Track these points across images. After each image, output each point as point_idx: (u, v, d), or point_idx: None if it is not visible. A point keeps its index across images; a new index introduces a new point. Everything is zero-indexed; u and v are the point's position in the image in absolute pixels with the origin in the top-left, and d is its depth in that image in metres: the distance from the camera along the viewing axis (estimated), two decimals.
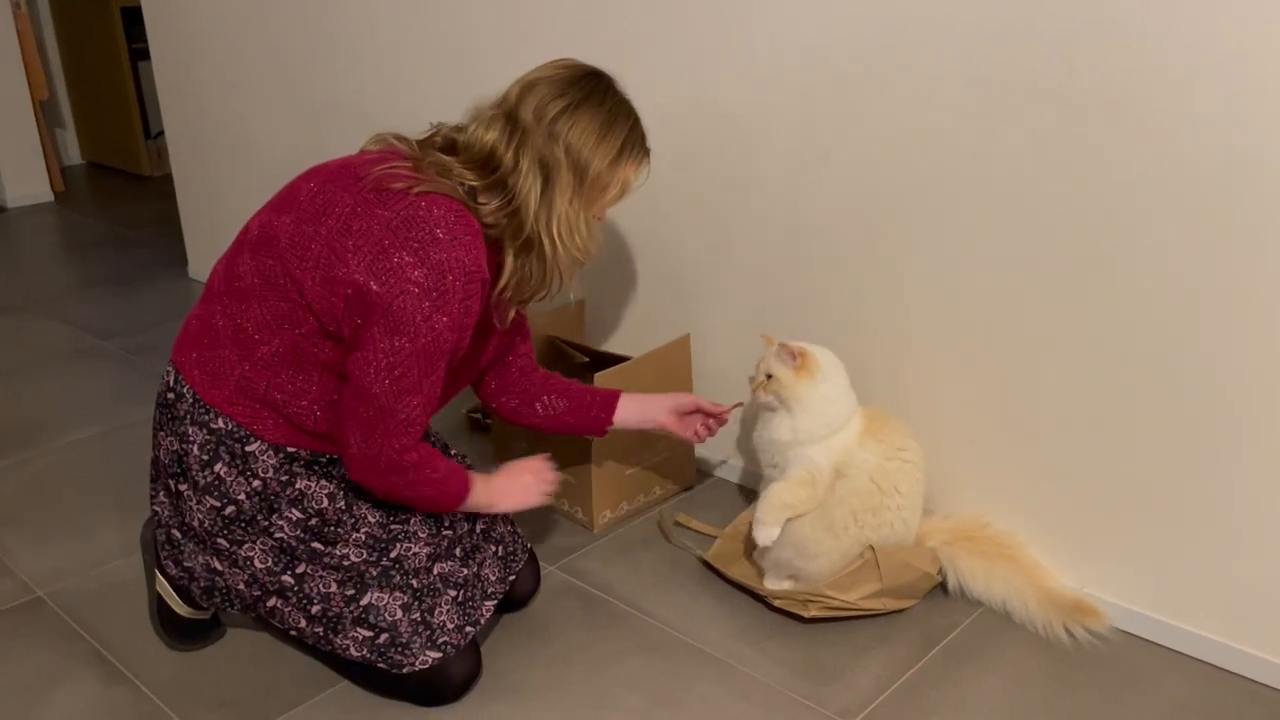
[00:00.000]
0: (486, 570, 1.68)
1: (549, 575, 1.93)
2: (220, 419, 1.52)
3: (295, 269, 1.45)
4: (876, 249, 1.88)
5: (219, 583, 1.60)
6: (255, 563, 1.56)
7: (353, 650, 1.57)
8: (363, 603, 1.56)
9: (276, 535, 1.55)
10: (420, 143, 1.54)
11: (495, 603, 1.67)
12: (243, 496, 1.53)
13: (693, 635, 1.77)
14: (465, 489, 1.57)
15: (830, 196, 1.92)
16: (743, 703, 1.61)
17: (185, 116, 3.41)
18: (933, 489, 1.86)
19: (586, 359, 2.23)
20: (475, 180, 1.47)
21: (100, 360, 2.94)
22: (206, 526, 1.56)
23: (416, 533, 1.60)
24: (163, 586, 1.69)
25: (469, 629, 1.61)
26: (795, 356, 1.75)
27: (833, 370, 1.78)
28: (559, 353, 2.29)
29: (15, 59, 4.45)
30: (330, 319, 1.44)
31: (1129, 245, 1.58)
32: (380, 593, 1.56)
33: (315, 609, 1.56)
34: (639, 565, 1.97)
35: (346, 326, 1.43)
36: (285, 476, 1.54)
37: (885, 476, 1.75)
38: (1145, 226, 1.56)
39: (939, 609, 1.82)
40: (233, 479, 1.53)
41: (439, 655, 1.57)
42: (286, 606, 1.58)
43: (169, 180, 3.67)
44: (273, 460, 1.53)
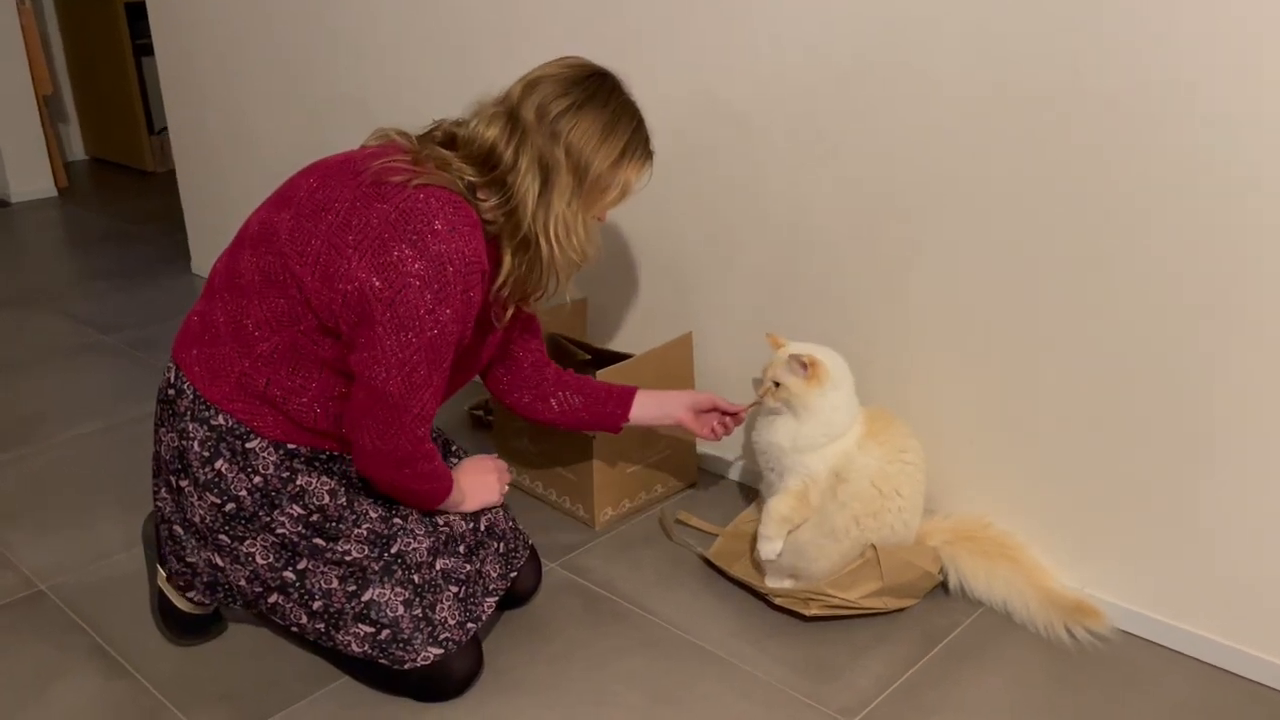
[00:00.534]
0: (488, 567, 1.68)
1: (550, 572, 1.93)
2: (220, 416, 1.52)
3: (295, 265, 1.45)
4: (878, 248, 1.88)
5: (221, 579, 1.60)
6: (257, 559, 1.56)
7: (354, 646, 1.57)
8: (364, 599, 1.56)
9: (278, 531, 1.55)
10: (420, 137, 1.54)
11: (496, 599, 1.67)
12: (244, 493, 1.53)
13: (693, 633, 1.77)
14: (451, 487, 1.60)
15: (832, 196, 1.91)
16: (743, 701, 1.61)
17: (189, 112, 3.42)
18: (934, 489, 1.86)
19: (588, 356, 2.23)
20: (474, 176, 1.47)
21: (102, 355, 2.95)
22: (208, 523, 1.56)
23: (415, 529, 1.60)
24: (164, 582, 1.69)
25: (470, 625, 1.61)
26: (805, 367, 1.73)
27: (841, 377, 1.77)
28: (561, 350, 2.29)
29: (19, 54, 4.46)
30: (329, 315, 1.44)
31: (1129, 246, 1.58)
32: (382, 589, 1.56)
33: (317, 605, 1.57)
34: (640, 563, 1.97)
35: (344, 323, 1.43)
36: (286, 473, 1.54)
37: (886, 480, 1.75)
38: (1146, 228, 1.56)
39: (940, 608, 1.82)
40: (233, 475, 1.53)
41: (440, 652, 1.57)
42: (288, 603, 1.58)
43: (172, 176, 3.68)
44: (273, 457, 1.53)
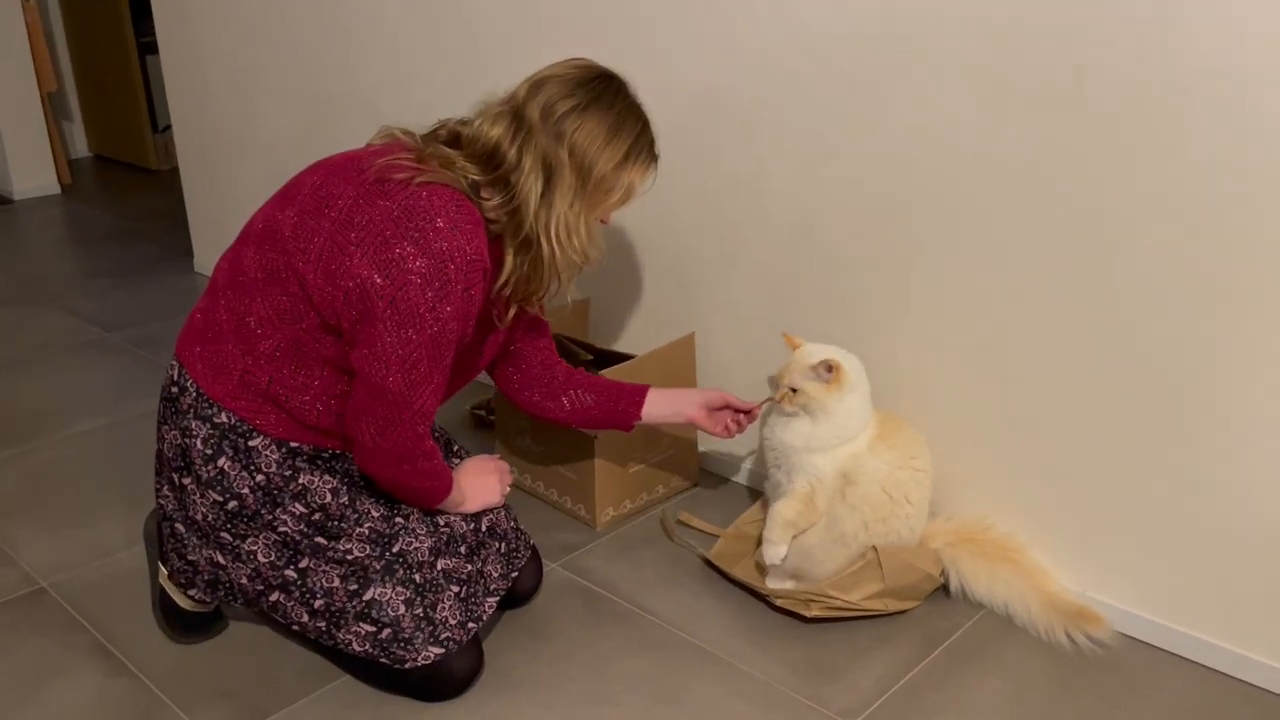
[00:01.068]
0: (489, 567, 1.68)
1: (551, 572, 1.93)
2: (223, 413, 1.52)
3: (298, 262, 1.45)
4: (881, 249, 1.88)
5: (222, 576, 1.61)
6: (258, 557, 1.56)
7: (355, 645, 1.57)
8: (365, 598, 1.56)
9: (280, 530, 1.55)
10: (425, 136, 1.54)
11: (497, 599, 1.67)
12: (246, 491, 1.53)
13: (694, 634, 1.77)
14: (450, 486, 1.60)
15: (835, 196, 1.91)
16: (743, 702, 1.61)
17: (193, 110, 3.42)
18: (935, 490, 1.86)
19: (591, 357, 2.23)
20: (478, 175, 1.47)
21: (105, 353, 2.95)
22: (210, 521, 1.56)
23: (417, 529, 1.60)
24: (165, 579, 1.70)
25: (471, 625, 1.61)
26: (831, 371, 1.72)
27: (858, 380, 1.76)
28: (564, 350, 2.29)
29: (24, 51, 4.46)
30: (331, 312, 1.44)
31: (1133, 247, 1.58)
32: (383, 588, 1.56)
33: (318, 604, 1.57)
34: (641, 563, 1.97)
35: (346, 320, 1.43)
36: (288, 471, 1.54)
37: (897, 486, 1.75)
38: (1149, 229, 1.56)
39: (941, 611, 1.82)
40: (236, 474, 1.53)
41: (441, 651, 1.57)
42: (289, 601, 1.58)
43: (175, 174, 3.68)
44: (275, 455, 1.53)
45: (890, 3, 1.73)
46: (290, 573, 1.57)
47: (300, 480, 1.55)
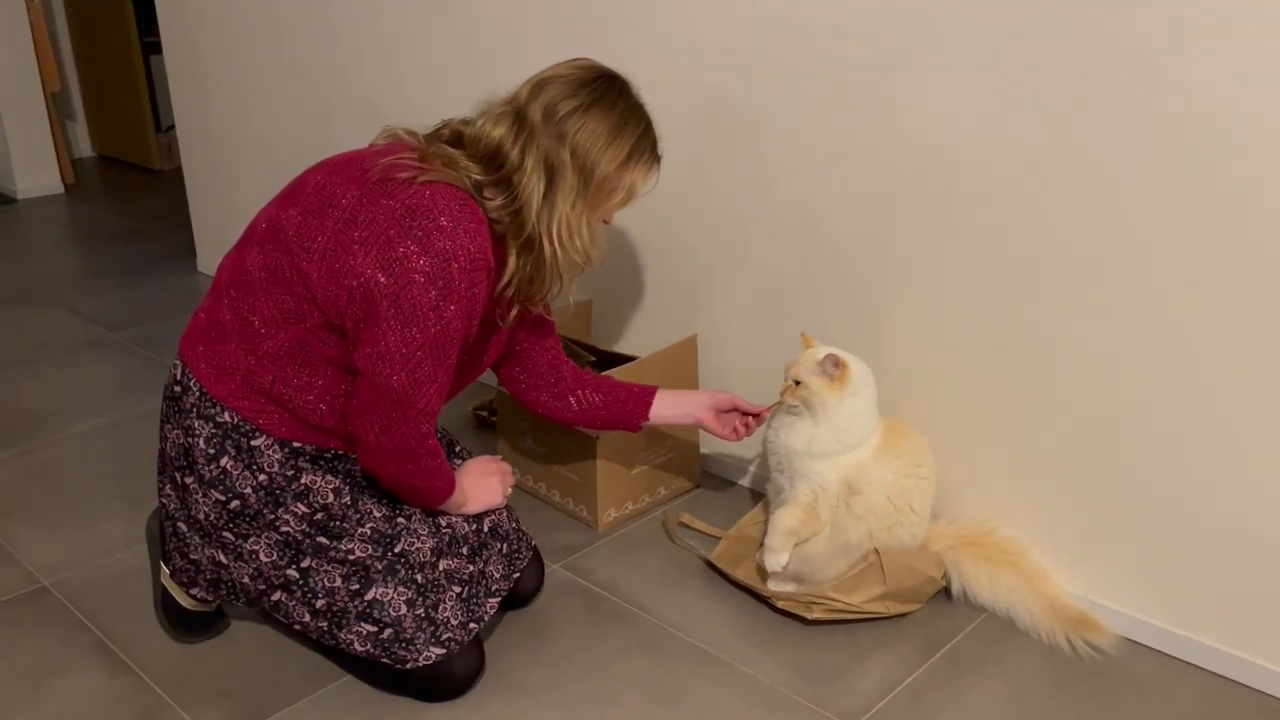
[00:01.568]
0: (491, 567, 1.68)
1: (552, 573, 1.93)
2: (226, 413, 1.52)
3: (301, 262, 1.45)
4: (885, 252, 1.88)
5: (224, 576, 1.61)
6: (260, 556, 1.57)
7: (356, 645, 1.57)
8: (367, 598, 1.56)
9: (282, 529, 1.55)
10: (428, 136, 1.54)
11: (499, 600, 1.67)
12: (248, 490, 1.53)
13: (695, 635, 1.77)
14: (453, 487, 1.60)
15: (839, 198, 1.91)
16: (744, 703, 1.61)
17: (196, 110, 3.42)
18: (938, 493, 1.85)
19: (593, 358, 2.23)
20: (481, 175, 1.47)
21: (108, 352, 2.95)
22: (212, 520, 1.56)
23: (419, 529, 1.61)
24: (167, 578, 1.70)
25: (473, 626, 1.61)
26: (838, 366, 1.71)
27: (863, 385, 1.75)
28: (567, 351, 2.28)
29: (28, 51, 4.47)
30: (334, 312, 1.44)
31: (1138, 251, 1.58)
32: (385, 588, 1.56)
33: (320, 603, 1.57)
34: (642, 565, 1.97)
35: (349, 319, 1.44)
36: (290, 471, 1.54)
37: (901, 495, 1.74)
38: (1154, 233, 1.56)
39: (942, 614, 1.81)
40: (238, 473, 1.53)
41: (442, 652, 1.57)
42: (291, 601, 1.58)
43: (179, 174, 3.69)
44: (278, 455, 1.53)
45: (895, 9, 1.73)
46: (292, 572, 1.57)
47: (303, 480, 1.55)
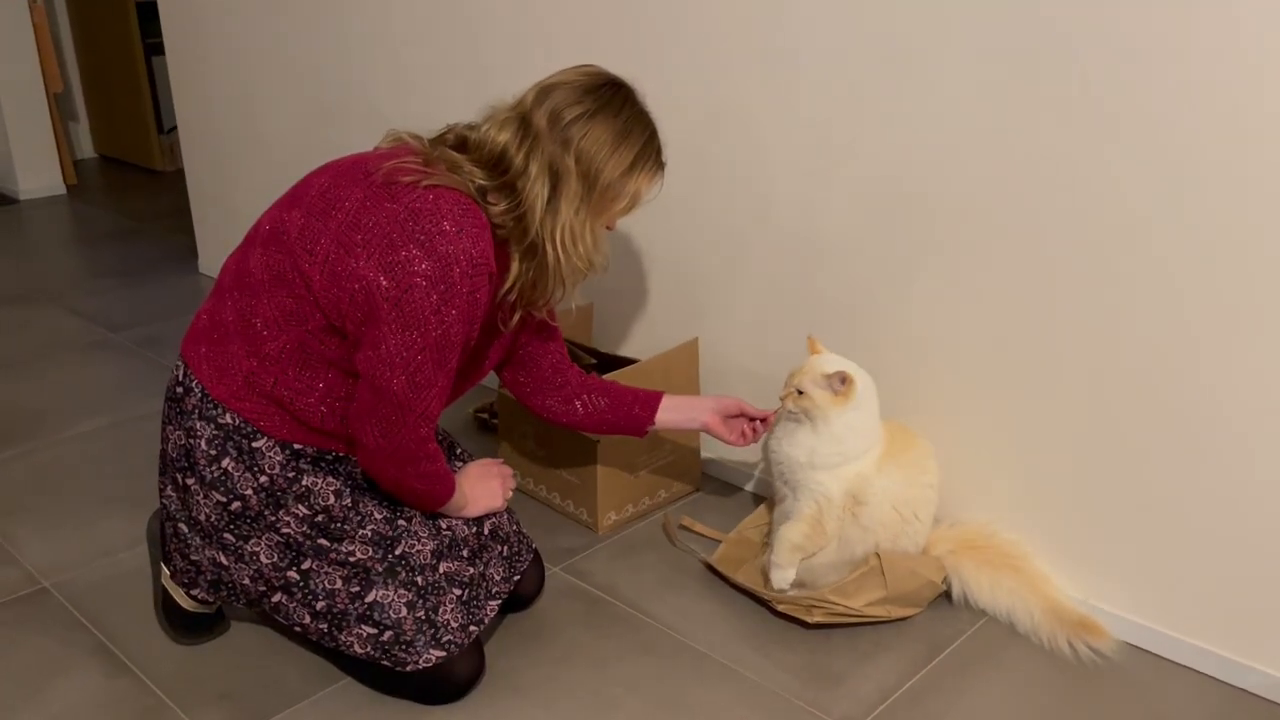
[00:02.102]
0: (491, 570, 1.68)
1: (553, 576, 1.93)
2: (228, 414, 1.52)
3: (304, 264, 1.45)
4: (887, 257, 1.88)
5: (225, 577, 1.61)
6: (261, 558, 1.57)
7: (356, 647, 1.57)
8: (367, 600, 1.56)
9: (283, 531, 1.55)
10: (433, 140, 1.55)
11: (499, 602, 1.67)
12: (249, 492, 1.53)
13: (695, 638, 1.77)
14: (453, 490, 1.60)
15: (840, 204, 1.91)
16: (744, 707, 1.61)
17: (198, 112, 3.43)
18: (941, 497, 1.85)
19: (594, 361, 2.24)
20: (485, 180, 1.47)
21: (109, 352, 2.96)
22: (213, 521, 1.56)
23: (419, 531, 1.61)
24: (168, 580, 1.70)
25: (473, 628, 1.61)
26: (844, 383, 1.71)
27: (866, 399, 1.75)
28: (569, 354, 2.29)
29: (30, 52, 4.47)
30: (336, 314, 1.45)
31: (1139, 256, 1.58)
32: (385, 590, 1.56)
33: (320, 605, 1.57)
34: (643, 568, 1.97)
35: (351, 322, 1.44)
36: (292, 473, 1.54)
37: (907, 504, 1.75)
38: (1155, 240, 1.56)
39: (943, 618, 1.81)
40: (240, 474, 1.53)
41: (443, 654, 1.57)
42: (291, 602, 1.58)
43: (181, 175, 3.69)
44: (279, 456, 1.54)
45: (895, 11, 1.74)
46: (293, 574, 1.57)
47: (304, 482, 1.55)
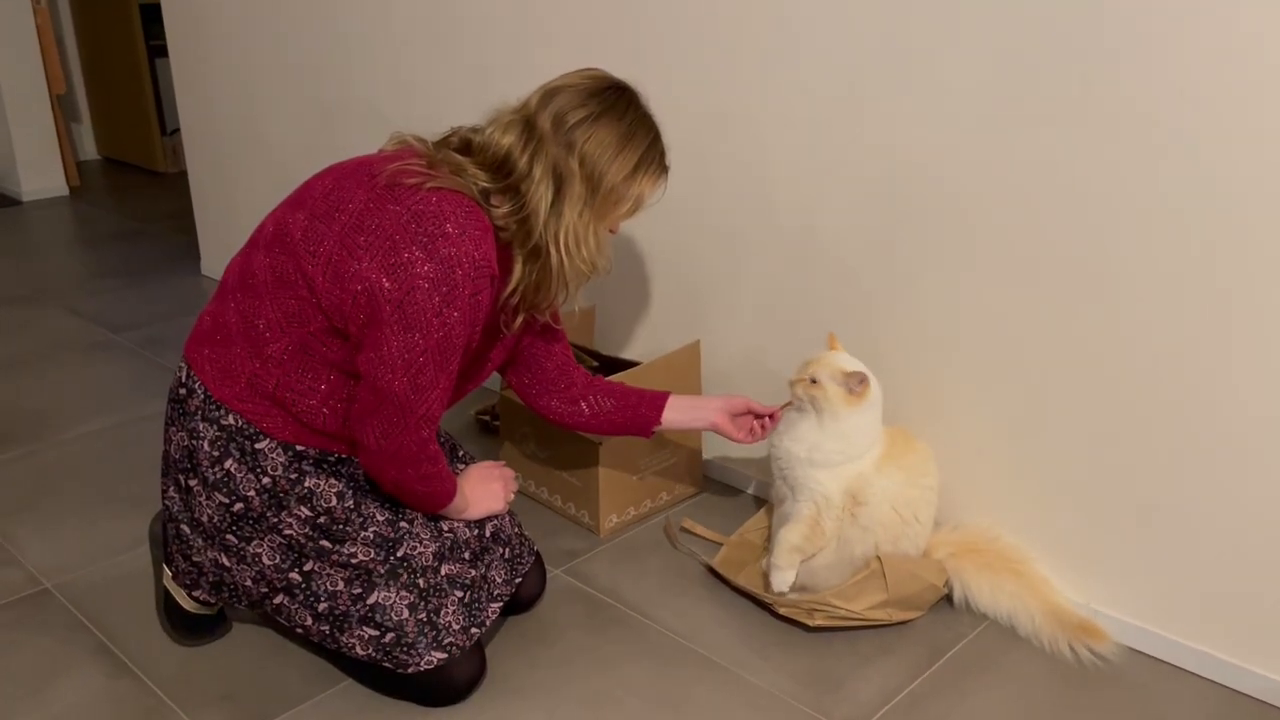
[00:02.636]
0: (493, 572, 1.68)
1: (554, 579, 1.93)
2: (230, 416, 1.52)
3: (307, 265, 1.45)
4: (889, 261, 1.88)
5: (227, 578, 1.61)
6: (263, 559, 1.57)
7: (358, 649, 1.57)
8: (369, 601, 1.56)
9: (285, 533, 1.55)
10: (437, 143, 1.55)
11: (501, 605, 1.67)
12: (252, 493, 1.54)
13: (696, 641, 1.77)
14: (454, 492, 1.60)
15: (842, 206, 1.92)
16: (745, 710, 1.61)
17: (201, 113, 3.43)
18: (942, 500, 1.86)
19: (596, 364, 2.24)
20: (489, 182, 1.47)
21: (111, 353, 2.96)
22: (215, 522, 1.56)
23: (421, 533, 1.61)
24: (170, 581, 1.70)
25: (474, 630, 1.61)
26: (862, 384, 1.71)
27: (874, 402, 1.75)
28: None
29: (34, 53, 4.48)
30: (339, 316, 1.45)
31: (1139, 259, 1.58)
32: (387, 592, 1.56)
33: (322, 607, 1.57)
34: (644, 570, 1.97)
35: (353, 323, 1.44)
36: (294, 474, 1.54)
37: (907, 505, 1.75)
38: (1157, 244, 1.56)
39: (944, 621, 1.81)
40: (242, 476, 1.53)
41: (444, 656, 1.57)
42: (293, 604, 1.58)
43: (183, 177, 3.70)
44: (282, 458, 1.54)
45: (895, 14, 1.74)
46: (295, 575, 1.57)
47: (306, 483, 1.55)
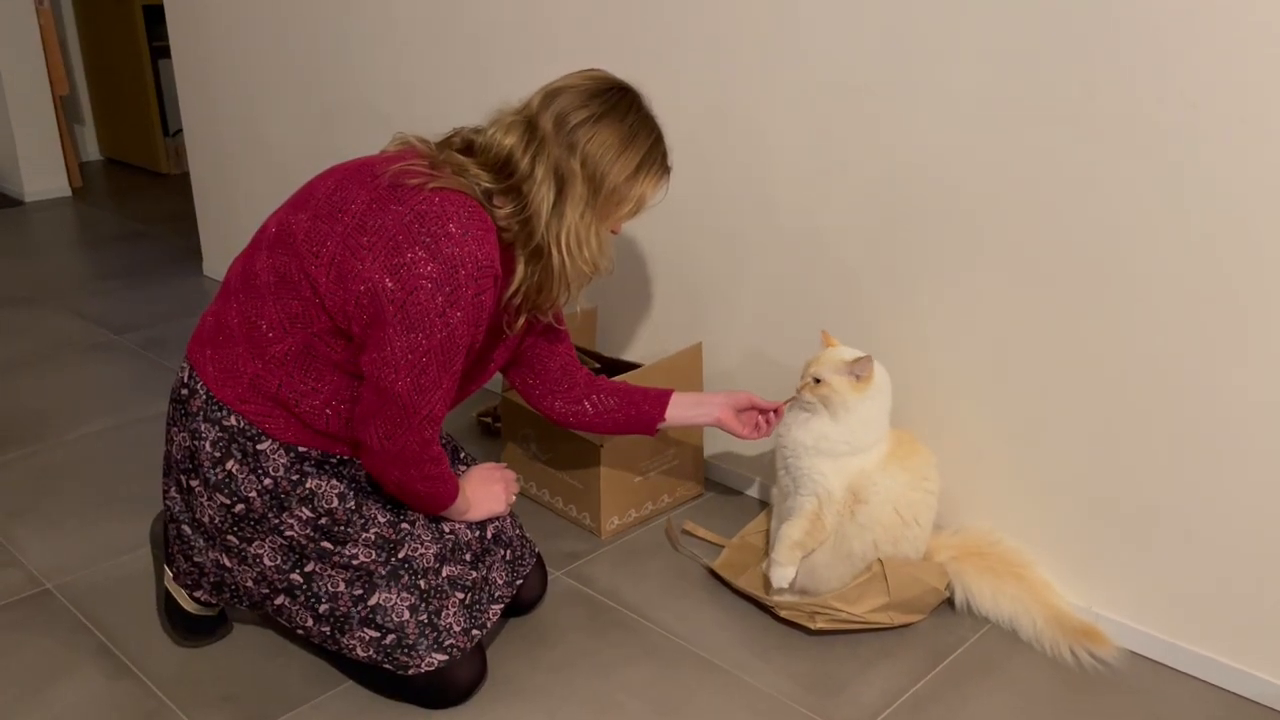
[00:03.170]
0: (494, 574, 1.68)
1: (555, 581, 1.93)
2: (232, 416, 1.52)
3: (310, 266, 1.45)
4: (890, 263, 1.88)
5: (228, 579, 1.61)
6: (264, 560, 1.57)
7: (359, 650, 1.57)
8: (370, 603, 1.56)
9: (286, 534, 1.55)
10: (439, 144, 1.55)
11: (502, 606, 1.67)
12: (253, 494, 1.54)
13: (697, 644, 1.76)
14: (456, 493, 1.60)
15: (843, 208, 1.92)
16: (746, 713, 1.61)
17: (204, 115, 3.44)
18: (943, 503, 1.85)
19: (598, 365, 2.24)
20: (491, 183, 1.48)
21: (113, 354, 2.96)
22: (217, 523, 1.56)
23: (422, 535, 1.61)
24: (171, 582, 1.70)
25: (475, 632, 1.61)
26: (865, 367, 1.70)
27: (882, 389, 1.74)
28: None
29: (37, 54, 4.49)
30: (342, 317, 1.45)
31: (1142, 264, 1.58)
32: (388, 593, 1.56)
33: (323, 608, 1.57)
34: (645, 573, 1.97)
35: (356, 324, 1.44)
36: (296, 475, 1.54)
37: (909, 507, 1.74)
38: (1159, 246, 1.56)
39: (946, 625, 1.81)
40: (244, 477, 1.53)
41: (445, 658, 1.57)
42: (294, 605, 1.58)
43: (186, 178, 3.70)
44: (283, 459, 1.54)
45: (898, 16, 1.74)
46: (296, 576, 1.57)
47: (307, 485, 1.55)
